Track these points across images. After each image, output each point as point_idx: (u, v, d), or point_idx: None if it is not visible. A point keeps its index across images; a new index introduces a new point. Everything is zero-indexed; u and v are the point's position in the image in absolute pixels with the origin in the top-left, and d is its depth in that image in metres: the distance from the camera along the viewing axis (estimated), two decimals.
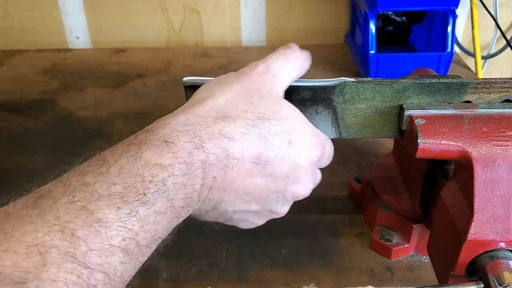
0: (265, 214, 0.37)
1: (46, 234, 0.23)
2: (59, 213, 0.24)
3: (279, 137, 0.33)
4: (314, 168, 0.37)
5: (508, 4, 0.99)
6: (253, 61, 0.37)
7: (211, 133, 0.31)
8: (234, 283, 0.47)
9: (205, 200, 0.32)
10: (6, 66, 0.97)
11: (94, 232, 0.24)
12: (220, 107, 0.33)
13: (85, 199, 0.25)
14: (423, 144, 0.36)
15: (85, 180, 0.26)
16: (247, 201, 0.34)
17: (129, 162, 0.28)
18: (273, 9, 1.02)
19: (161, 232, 0.29)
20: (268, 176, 0.33)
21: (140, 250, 0.27)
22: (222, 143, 0.31)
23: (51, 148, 0.69)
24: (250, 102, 0.33)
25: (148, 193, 0.27)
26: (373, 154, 0.66)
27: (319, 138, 0.36)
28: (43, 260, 0.23)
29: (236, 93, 0.34)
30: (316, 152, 0.35)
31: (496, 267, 0.33)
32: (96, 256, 0.24)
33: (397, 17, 0.89)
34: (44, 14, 1.02)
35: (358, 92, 0.40)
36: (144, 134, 0.30)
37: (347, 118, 0.41)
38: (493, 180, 0.35)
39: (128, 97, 0.84)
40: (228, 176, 0.32)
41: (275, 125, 0.33)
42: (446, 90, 0.39)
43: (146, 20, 1.03)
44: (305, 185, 0.36)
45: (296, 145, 0.34)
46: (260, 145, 0.32)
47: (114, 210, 0.26)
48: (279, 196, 0.36)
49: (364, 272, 0.48)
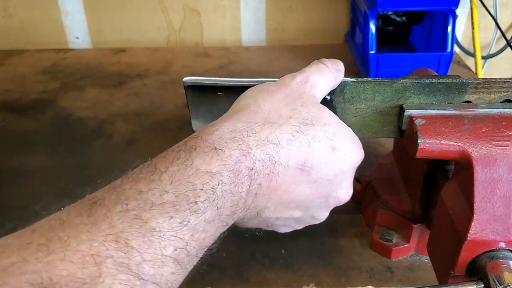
0: (307, 220, 0.37)
1: (102, 244, 0.23)
2: (114, 222, 0.24)
3: (323, 143, 0.33)
4: (354, 173, 0.37)
5: (508, 4, 0.99)
6: (253, 61, 0.37)
7: (258, 139, 0.31)
8: (234, 283, 0.47)
9: (250, 207, 0.32)
10: (6, 66, 0.97)
11: (148, 242, 0.24)
12: (265, 114, 0.33)
13: (138, 208, 0.25)
14: (423, 144, 0.36)
15: (138, 188, 0.26)
16: (290, 208, 0.34)
17: (180, 169, 0.28)
18: (273, 9, 1.02)
19: (208, 241, 0.29)
20: (312, 183, 0.34)
21: (189, 260, 0.27)
22: (269, 149, 0.31)
23: (51, 148, 0.69)
24: (293, 108, 0.34)
25: (199, 202, 0.27)
26: (373, 154, 0.66)
27: (358, 142, 0.36)
28: (98, 270, 0.22)
29: (279, 100, 0.34)
30: (358, 156, 0.36)
31: (496, 267, 0.33)
32: (149, 267, 0.24)
33: (397, 17, 0.89)
34: (44, 14, 1.02)
35: (358, 92, 0.40)
36: (193, 141, 0.30)
37: (347, 118, 0.41)
38: (493, 180, 0.35)
39: (128, 97, 0.84)
40: (274, 183, 0.32)
41: (319, 131, 0.33)
42: (446, 90, 0.39)
43: (146, 20, 1.03)
44: (347, 190, 0.37)
45: (339, 151, 0.34)
46: (305, 151, 0.33)
47: (167, 219, 0.25)
48: (322, 202, 0.36)
49: (364, 272, 0.48)
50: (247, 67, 0.93)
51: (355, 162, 0.36)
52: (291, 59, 0.97)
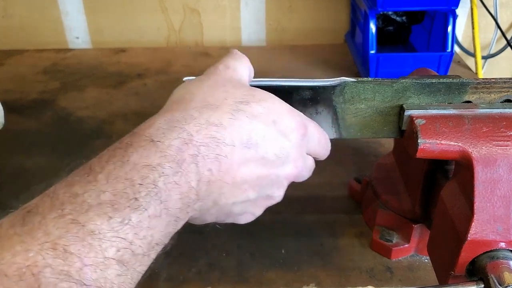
0: (263, 202, 0.37)
1: (38, 253, 0.22)
2: (49, 229, 0.23)
3: (263, 118, 0.33)
4: (301, 146, 0.36)
5: (508, 4, 0.99)
6: (253, 61, 0.38)
7: (198, 124, 0.30)
8: (234, 283, 0.47)
9: (204, 197, 0.31)
10: (6, 66, 0.97)
11: (88, 246, 0.23)
12: (200, 99, 0.32)
13: (75, 211, 0.24)
14: (423, 144, 0.36)
15: (73, 191, 0.25)
16: (245, 189, 0.34)
17: (117, 167, 0.27)
18: (273, 9, 1.02)
19: (158, 238, 0.27)
20: (260, 160, 0.33)
21: (137, 260, 0.26)
22: (211, 132, 0.31)
23: (51, 148, 0.69)
24: (225, 91, 0.34)
25: (139, 197, 0.26)
26: (373, 154, 0.66)
27: (299, 117, 0.36)
28: (37, 282, 0.22)
29: (210, 86, 0.34)
30: (299, 128, 0.35)
31: (497, 267, 0.33)
32: (91, 272, 0.23)
33: (397, 17, 0.89)
34: (44, 14, 1.02)
35: (358, 92, 0.40)
36: (129, 137, 0.29)
37: (347, 118, 0.41)
38: (493, 180, 0.35)
39: (128, 97, 0.84)
40: (224, 165, 0.31)
41: (256, 107, 0.33)
42: (446, 90, 0.39)
43: (146, 20, 1.03)
44: (294, 163, 0.36)
45: (280, 123, 0.34)
46: (248, 128, 0.32)
47: (106, 220, 0.25)
48: (274, 179, 0.35)
49: (364, 272, 0.48)
50: None
51: (297, 134, 0.35)
52: (291, 59, 0.97)
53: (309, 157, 0.38)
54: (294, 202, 0.57)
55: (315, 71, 0.92)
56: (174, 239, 0.30)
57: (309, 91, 0.40)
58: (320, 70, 0.92)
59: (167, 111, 0.32)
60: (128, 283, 0.26)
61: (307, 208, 0.57)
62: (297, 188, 0.60)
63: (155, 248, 0.28)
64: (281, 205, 0.57)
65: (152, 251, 0.27)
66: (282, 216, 0.55)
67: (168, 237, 0.29)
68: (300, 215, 0.55)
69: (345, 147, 0.66)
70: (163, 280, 0.47)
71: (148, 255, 0.27)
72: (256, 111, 0.33)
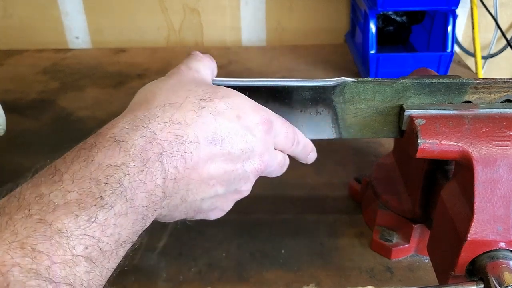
0: (231, 196, 0.37)
1: (6, 253, 0.22)
2: (17, 229, 0.24)
3: (227, 114, 0.34)
4: (266, 141, 0.36)
5: (508, 4, 0.99)
6: (253, 61, 0.38)
7: (162, 123, 0.31)
8: (234, 283, 0.47)
9: (172, 194, 0.31)
10: (6, 66, 0.97)
11: (56, 244, 0.24)
12: (163, 98, 0.33)
13: (42, 211, 0.25)
14: (423, 144, 0.36)
15: (39, 192, 0.26)
16: (212, 185, 0.34)
17: (82, 167, 0.27)
18: (273, 9, 1.02)
19: (126, 236, 0.28)
20: (226, 155, 0.34)
21: (105, 257, 0.26)
22: (175, 130, 0.31)
23: (51, 148, 0.69)
24: (188, 89, 0.34)
25: (105, 196, 0.26)
26: (373, 154, 0.66)
27: (264, 112, 0.36)
28: (5, 280, 0.22)
29: (173, 85, 0.35)
30: (264, 123, 0.36)
31: (496, 267, 0.33)
32: (60, 269, 0.23)
33: (397, 17, 0.89)
34: (44, 14, 1.02)
35: (358, 92, 0.40)
36: (93, 138, 0.30)
37: (347, 118, 0.41)
38: (493, 180, 0.35)
39: (128, 97, 0.83)
40: (190, 162, 0.31)
41: (219, 104, 0.34)
42: (446, 90, 0.39)
43: (146, 20, 1.03)
44: (260, 158, 0.36)
45: (244, 119, 0.34)
46: (212, 125, 0.33)
47: (73, 218, 0.25)
48: (240, 173, 0.35)
49: (364, 272, 0.48)
50: (247, 67, 0.93)
51: (262, 129, 0.36)
52: (291, 59, 0.97)
53: (278, 153, 0.39)
54: (294, 202, 0.57)
55: (315, 71, 0.92)
56: (145, 237, 0.30)
57: (309, 91, 0.40)
58: (320, 70, 0.92)
59: (130, 111, 0.32)
60: (97, 279, 0.26)
61: (307, 208, 0.57)
62: (297, 188, 0.61)
63: (123, 246, 0.28)
64: (281, 205, 0.58)
65: (120, 249, 0.28)
66: (282, 216, 0.55)
67: (136, 234, 0.29)
68: (300, 215, 0.55)
69: (345, 147, 0.66)
70: (163, 280, 0.47)
71: (116, 252, 0.27)
72: (220, 108, 0.33)
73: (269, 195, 0.59)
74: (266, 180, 0.41)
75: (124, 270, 0.29)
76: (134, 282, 0.47)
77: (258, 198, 0.58)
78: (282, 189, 0.59)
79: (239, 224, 0.54)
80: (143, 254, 0.50)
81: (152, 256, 0.50)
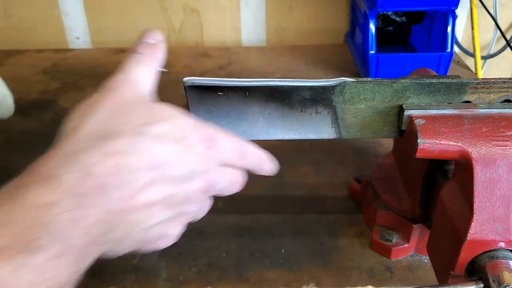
0: (179, 219, 0.35)
1: None
2: None
3: (166, 138, 0.32)
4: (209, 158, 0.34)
5: (508, 4, 0.99)
6: (253, 61, 0.37)
7: (98, 155, 0.29)
8: (234, 283, 0.47)
9: (112, 228, 0.30)
10: (6, 66, 0.97)
11: None
12: (96, 128, 0.31)
13: None
14: (423, 144, 0.36)
15: None
16: (156, 211, 0.32)
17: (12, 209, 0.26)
18: (273, 9, 1.02)
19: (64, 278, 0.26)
20: (167, 179, 0.32)
21: None
22: (112, 162, 0.29)
23: None
24: (124, 114, 0.32)
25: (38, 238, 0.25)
26: (373, 154, 0.66)
27: (205, 129, 0.35)
28: None
29: (107, 110, 0.32)
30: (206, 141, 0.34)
31: (496, 267, 0.33)
32: None
33: (397, 17, 0.89)
34: (44, 14, 1.02)
35: (358, 92, 0.40)
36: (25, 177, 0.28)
37: (347, 118, 0.41)
38: (493, 180, 0.35)
39: None
40: (128, 192, 0.30)
41: (158, 127, 0.32)
42: (446, 90, 0.39)
43: (146, 20, 1.03)
44: (203, 176, 0.34)
45: (185, 138, 0.33)
46: (150, 151, 0.31)
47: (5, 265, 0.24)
48: (185, 195, 0.34)
49: (364, 272, 0.48)
50: (247, 67, 0.93)
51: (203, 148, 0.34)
52: (291, 59, 0.97)
53: (227, 169, 0.36)
54: (294, 202, 0.58)
55: (315, 71, 0.92)
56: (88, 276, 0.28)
57: (309, 91, 0.40)
58: (320, 70, 0.92)
59: (61, 144, 0.30)
60: None
61: (307, 208, 0.57)
62: (297, 188, 0.61)
63: None
64: (281, 205, 0.58)
65: None
66: (282, 216, 0.55)
67: (78, 274, 0.28)
68: (300, 215, 0.55)
69: (345, 147, 0.66)
70: (163, 280, 0.47)
71: None
72: (159, 131, 0.32)
73: (269, 195, 0.59)
74: (266, 180, 0.41)
75: (124, 270, 0.29)
76: (134, 282, 0.47)
77: (258, 198, 0.58)
78: (282, 189, 0.59)
79: (239, 224, 0.54)
80: (143, 254, 0.50)
81: (152, 256, 0.50)
